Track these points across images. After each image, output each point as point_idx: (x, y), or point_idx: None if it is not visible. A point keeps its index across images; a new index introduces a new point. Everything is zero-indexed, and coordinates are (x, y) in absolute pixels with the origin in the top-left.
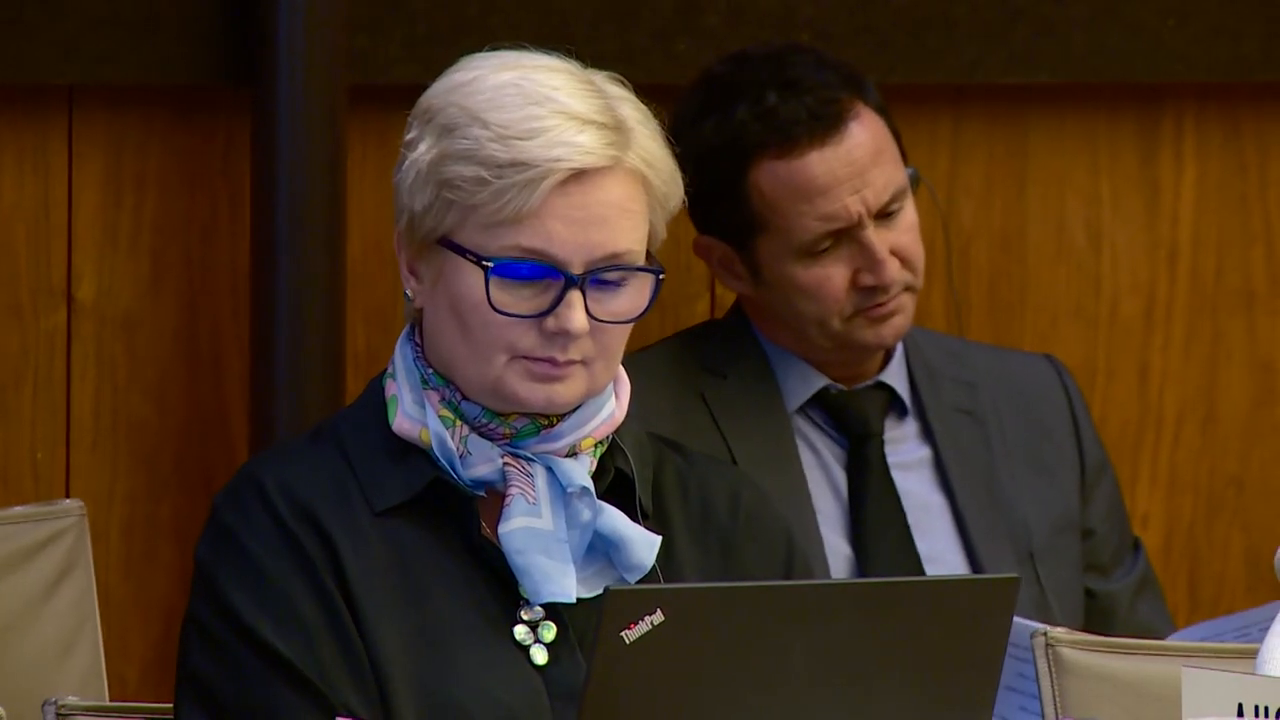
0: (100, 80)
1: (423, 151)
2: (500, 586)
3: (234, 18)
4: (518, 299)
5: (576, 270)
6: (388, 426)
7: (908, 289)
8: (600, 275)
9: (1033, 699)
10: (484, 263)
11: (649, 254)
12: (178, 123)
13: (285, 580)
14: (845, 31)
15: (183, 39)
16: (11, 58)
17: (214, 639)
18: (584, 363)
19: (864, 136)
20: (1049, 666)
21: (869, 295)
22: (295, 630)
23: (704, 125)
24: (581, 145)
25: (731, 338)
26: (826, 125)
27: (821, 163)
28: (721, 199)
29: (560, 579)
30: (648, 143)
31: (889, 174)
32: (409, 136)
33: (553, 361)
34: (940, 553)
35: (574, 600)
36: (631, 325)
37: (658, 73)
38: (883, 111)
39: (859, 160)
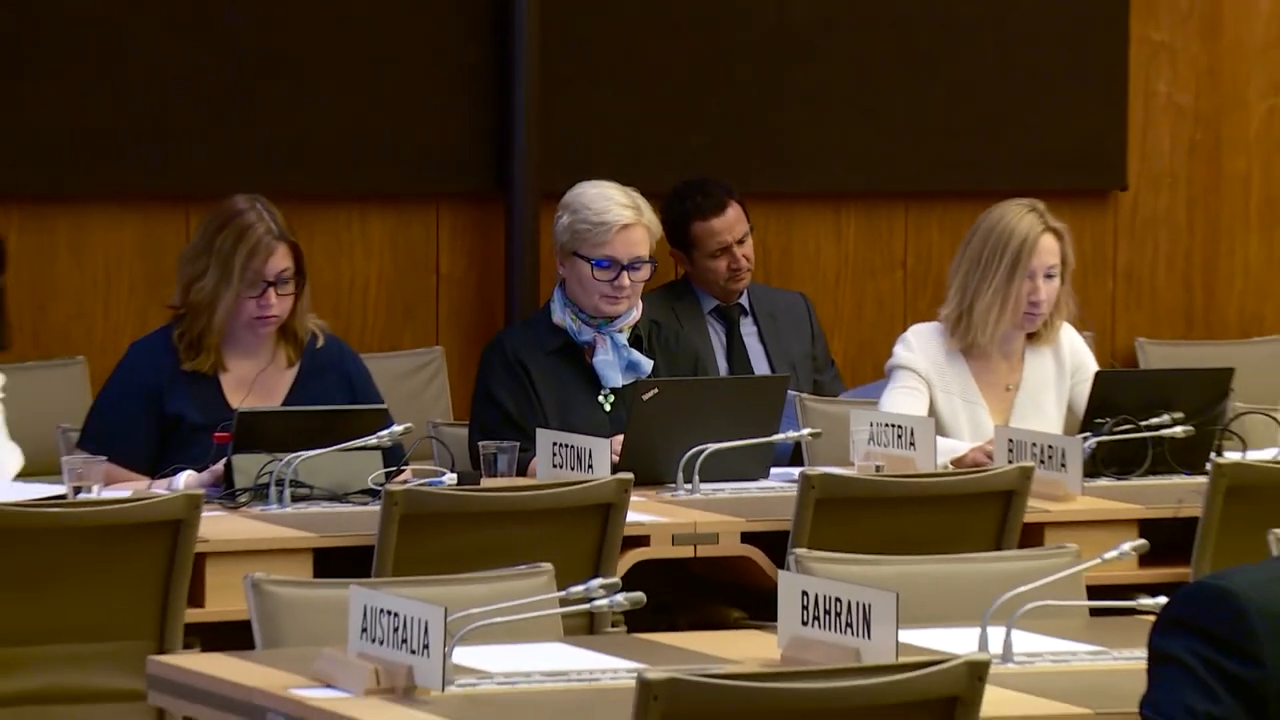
0: (454, 189)
1: (565, 221)
2: (593, 382)
3: (493, 153)
4: (604, 275)
5: (625, 262)
6: (550, 320)
7: (748, 270)
8: (634, 265)
9: (794, 419)
10: (591, 261)
11: (651, 256)
12: (474, 206)
13: (505, 379)
14: (727, 165)
15: (476, 166)
16: (401, 175)
17: (479, 401)
18: (627, 296)
19: (734, 213)
20: (800, 411)
21: (734, 272)
22: (510, 397)
23: (675, 209)
24: (625, 215)
25: (684, 287)
26: (720, 207)
27: (719, 223)
28: (680, 236)
29: (615, 377)
30: (649, 214)
31: (743, 226)
32: (559, 215)
33: (616, 296)
34: (760, 369)
35: (620, 385)
36: (644, 283)
37: (659, 182)
38: (740, 203)
39: (732, 222)
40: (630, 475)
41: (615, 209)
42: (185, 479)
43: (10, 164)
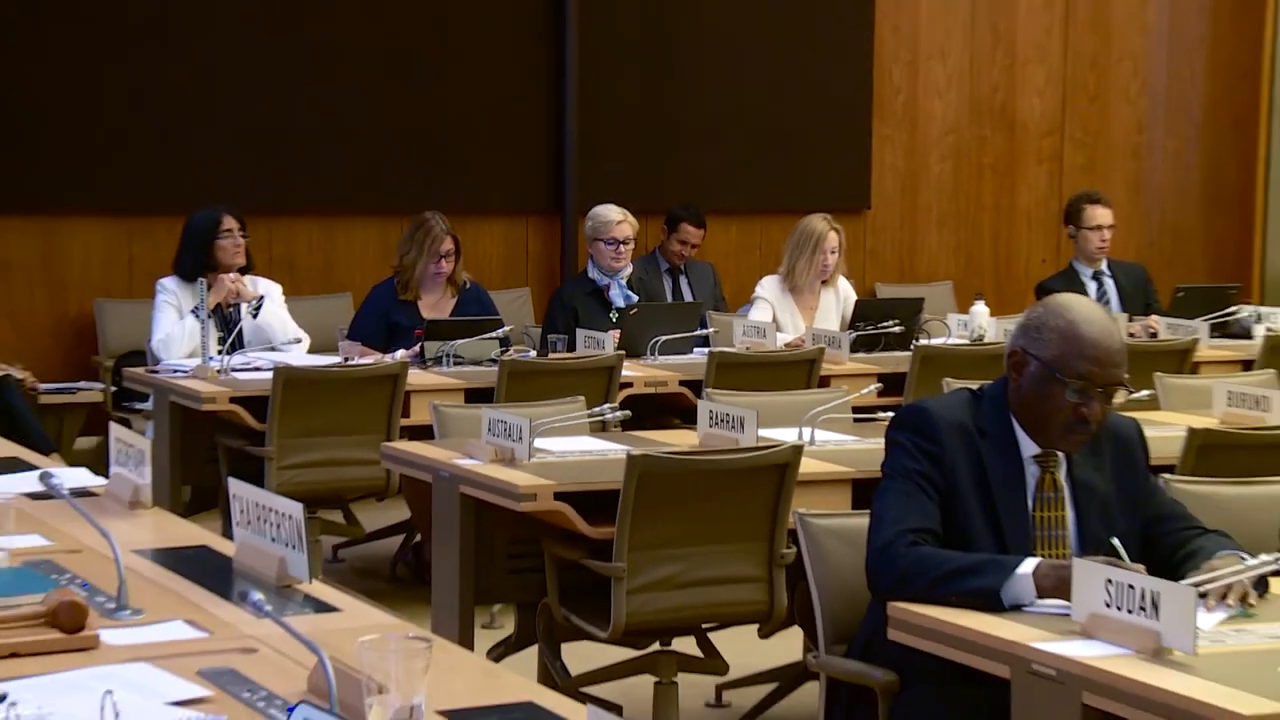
0: (535, 209)
1: (589, 225)
2: (607, 306)
3: (554, 190)
4: (611, 248)
5: (621, 239)
6: (587, 276)
7: (690, 255)
8: (626, 241)
9: (705, 324)
10: (604, 241)
11: (635, 237)
12: (545, 218)
13: (561, 312)
14: (680, 197)
15: (546, 196)
16: (509, 202)
17: (548, 319)
18: (625, 258)
19: (702, 231)
20: (709, 319)
21: (682, 256)
22: (561, 319)
23: (677, 211)
24: (618, 215)
25: (652, 257)
26: (700, 224)
27: (692, 230)
28: (673, 224)
29: (620, 302)
30: (630, 218)
31: (699, 239)
32: (587, 223)
33: (619, 257)
34: (689, 299)
35: (624, 305)
36: (631, 250)
37: (642, 205)
38: (704, 228)
39: (699, 233)
40: (623, 352)
41: (612, 214)
42: (400, 354)
43: (317, 193)
